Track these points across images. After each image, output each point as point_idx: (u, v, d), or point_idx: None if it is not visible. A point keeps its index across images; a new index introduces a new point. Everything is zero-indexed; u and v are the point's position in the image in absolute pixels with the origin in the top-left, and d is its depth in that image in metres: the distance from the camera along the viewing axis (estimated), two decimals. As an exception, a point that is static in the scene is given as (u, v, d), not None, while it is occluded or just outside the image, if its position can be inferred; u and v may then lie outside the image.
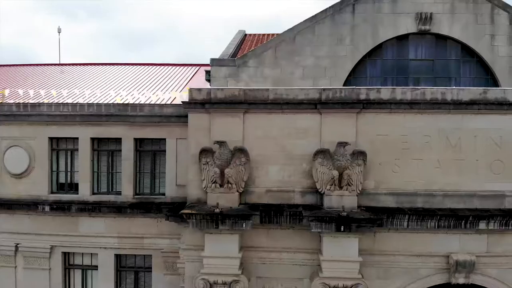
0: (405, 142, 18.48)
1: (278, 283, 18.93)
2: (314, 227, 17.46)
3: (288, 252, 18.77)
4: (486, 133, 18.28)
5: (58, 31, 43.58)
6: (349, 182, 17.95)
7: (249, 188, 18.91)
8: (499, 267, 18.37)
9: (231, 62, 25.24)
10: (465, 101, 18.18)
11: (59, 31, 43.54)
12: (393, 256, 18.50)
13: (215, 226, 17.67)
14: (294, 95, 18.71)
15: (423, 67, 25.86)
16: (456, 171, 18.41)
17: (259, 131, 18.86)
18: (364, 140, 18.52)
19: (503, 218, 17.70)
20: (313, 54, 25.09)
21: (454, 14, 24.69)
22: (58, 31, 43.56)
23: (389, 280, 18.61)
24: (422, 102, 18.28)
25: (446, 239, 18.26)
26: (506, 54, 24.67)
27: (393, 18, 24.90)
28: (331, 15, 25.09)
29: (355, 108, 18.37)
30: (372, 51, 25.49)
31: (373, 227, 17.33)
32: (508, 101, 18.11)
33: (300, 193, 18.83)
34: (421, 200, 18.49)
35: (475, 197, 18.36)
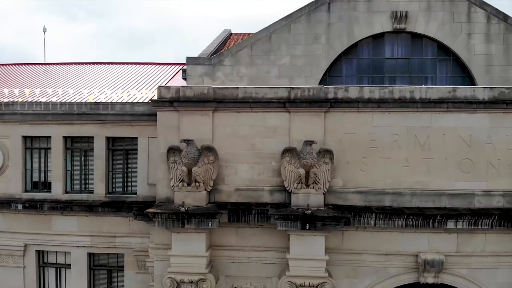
0: (373, 141, 18.46)
1: (247, 282, 18.92)
2: (280, 225, 17.45)
3: (257, 250, 18.76)
4: (456, 131, 18.24)
5: (43, 30, 43.58)
6: (315, 181, 17.94)
7: (218, 186, 18.88)
8: (469, 266, 18.34)
9: (207, 61, 25.25)
10: (433, 100, 18.13)
11: (44, 31, 43.52)
12: (361, 255, 18.49)
13: (181, 225, 17.61)
14: (264, 93, 18.68)
15: (399, 65, 25.87)
16: (425, 170, 18.38)
17: (229, 130, 18.84)
18: (332, 139, 18.51)
19: (471, 218, 17.64)
20: (289, 53, 25.11)
21: (430, 12, 24.69)
22: (44, 31, 43.54)
23: (357, 279, 18.60)
24: (390, 100, 18.22)
25: (414, 238, 18.25)
26: (483, 52, 24.68)
27: (368, 17, 24.93)
28: (306, 13, 25.09)
29: (323, 107, 18.32)
30: (348, 50, 25.50)
31: (338, 225, 17.28)
32: (478, 99, 18.05)
33: (269, 192, 18.80)
34: (389, 199, 18.46)
35: (444, 196, 18.32)
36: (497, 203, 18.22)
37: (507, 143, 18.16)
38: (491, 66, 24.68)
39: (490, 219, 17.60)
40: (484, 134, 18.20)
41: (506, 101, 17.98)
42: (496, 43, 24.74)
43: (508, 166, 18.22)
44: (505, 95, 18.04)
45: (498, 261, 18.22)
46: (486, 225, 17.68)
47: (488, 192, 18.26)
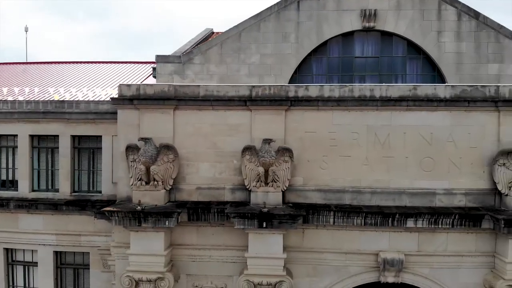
0: (334, 139, 18.33)
1: (208, 281, 18.78)
2: (237, 223, 17.31)
3: (218, 249, 18.63)
4: (416, 130, 18.09)
5: (25, 29, 43.30)
6: (274, 179, 17.82)
7: (179, 185, 18.76)
8: (431, 266, 18.19)
9: (176, 59, 25.14)
10: (394, 98, 17.95)
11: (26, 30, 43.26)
12: (322, 254, 18.36)
13: (137, 224, 17.44)
14: (225, 91, 18.53)
15: (368, 64, 25.78)
16: (385, 168, 18.25)
17: (190, 128, 18.69)
18: (293, 137, 18.40)
19: (431, 217, 17.45)
20: (259, 51, 25.02)
21: (400, 10, 24.58)
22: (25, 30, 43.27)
23: (318, 278, 18.47)
24: (349, 99, 18.06)
25: (375, 237, 18.13)
26: (453, 50, 24.57)
27: (337, 15, 24.82)
28: (276, 12, 24.99)
29: (283, 105, 18.19)
30: (318, 49, 25.43)
31: (294, 223, 17.12)
32: (439, 97, 17.89)
33: (230, 190, 18.66)
34: (349, 197, 18.34)
35: (404, 194, 18.17)
36: (458, 202, 18.06)
37: (469, 142, 18.01)
38: (461, 64, 24.57)
39: (451, 218, 17.40)
40: (445, 133, 18.04)
41: (468, 99, 17.80)
42: (467, 41, 24.62)
43: (470, 165, 18.06)
44: (467, 93, 17.89)
45: (460, 261, 18.06)
46: (447, 224, 17.49)
47: (449, 191, 18.10)
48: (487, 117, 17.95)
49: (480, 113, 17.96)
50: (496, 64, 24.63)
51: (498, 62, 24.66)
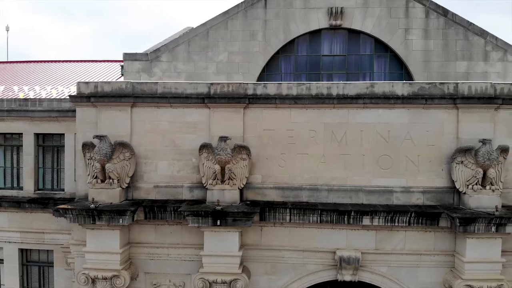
0: (291, 137, 18.11)
1: (167, 279, 18.56)
2: (191, 222, 17.06)
3: (176, 248, 18.40)
4: (373, 127, 17.84)
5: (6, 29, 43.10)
6: (231, 177, 17.58)
7: (137, 183, 18.51)
8: (390, 264, 17.95)
9: (143, 57, 24.89)
10: (351, 96, 17.72)
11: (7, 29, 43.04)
12: (280, 251, 18.14)
13: (92, 221, 17.21)
14: (183, 89, 18.28)
15: (336, 62, 25.51)
16: (342, 166, 17.99)
17: (148, 125, 18.42)
18: (252, 135, 18.16)
19: (387, 214, 17.18)
20: (227, 50, 24.77)
21: (367, 8, 24.30)
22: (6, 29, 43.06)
23: (276, 276, 18.24)
24: (307, 97, 17.83)
25: (332, 235, 17.89)
26: (421, 48, 24.29)
27: (304, 14, 24.54)
28: (243, 10, 24.72)
29: (241, 103, 17.92)
30: (286, 47, 25.18)
31: (248, 220, 16.87)
32: (397, 94, 17.64)
33: (188, 188, 18.40)
34: (306, 195, 18.08)
35: (361, 192, 17.92)
36: (416, 200, 17.80)
37: (427, 139, 17.74)
38: (429, 61, 24.28)
39: (407, 216, 17.11)
40: (403, 130, 17.78)
41: (426, 96, 17.55)
42: (435, 39, 24.34)
43: (429, 163, 17.80)
44: (425, 90, 17.64)
45: (419, 260, 17.81)
46: (403, 222, 17.21)
47: (407, 189, 17.84)
48: (445, 115, 17.67)
49: (438, 110, 17.68)
50: (464, 61, 24.34)
51: (466, 59, 24.37)
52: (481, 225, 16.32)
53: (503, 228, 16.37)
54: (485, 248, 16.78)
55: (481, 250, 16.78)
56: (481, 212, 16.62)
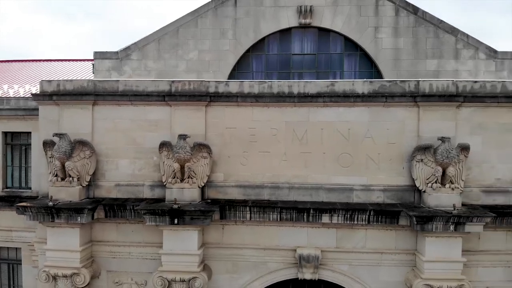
0: (253, 135, 17.81)
1: (129, 277, 18.29)
2: (149, 220, 16.82)
3: (137, 246, 18.14)
4: (334, 125, 17.55)
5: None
6: (190, 175, 17.32)
7: (98, 182, 18.23)
8: (351, 263, 17.68)
9: (114, 55, 24.63)
10: (311, 94, 17.42)
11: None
12: (241, 250, 17.87)
13: (51, 219, 16.98)
14: (144, 87, 17.95)
15: (306, 61, 25.20)
16: (303, 164, 17.71)
17: (109, 124, 18.12)
18: (214, 133, 17.88)
19: (346, 212, 16.91)
20: (197, 48, 24.49)
21: (337, 6, 24.00)
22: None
23: (237, 274, 17.97)
24: (268, 95, 17.55)
25: (293, 233, 17.63)
26: (391, 46, 24.00)
27: (274, 12, 24.25)
28: (213, 8, 24.44)
29: (202, 101, 17.63)
30: (256, 45, 24.91)
31: (206, 219, 16.59)
32: (357, 93, 17.35)
33: (149, 187, 18.12)
34: (267, 193, 17.78)
35: (321, 190, 17.62)
36: (377, 198, 17.53)
37: (387, 137, 17.45)
38: (399, 60, 24.00)
39: (366, 214, 16.88)
40: (363, 128, 17.50)
41: (386, 94, 17.28)
42: (405, 37, 24.05)
43: (389, 161, 17.52)
44: (385, 88, 17.35)
45: (380, 258, 17.53)
46: (362, 220, 16.96)
47: (367, 187, 17.56)
48: (406, 113, 17.38)
49: (399, 108, 17.39)
50: (435, 59, 24.05)
51: (437, 57, 24.08)
52: (439, 224, 16.05)
53: (462, 227, 16.08)
54: (445, 247, 16.47)
55: (440, 249, 16.47)
56: (439, 210, 16.34)
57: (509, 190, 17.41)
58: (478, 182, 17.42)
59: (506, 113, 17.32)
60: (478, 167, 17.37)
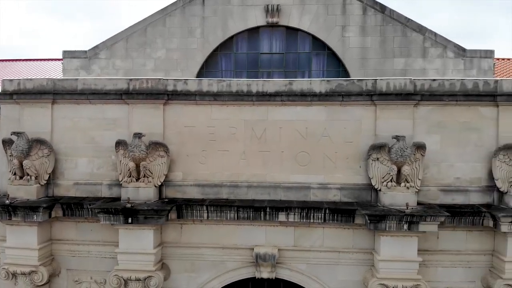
0: (212, 134, 17.58)
1: (88, 276, 18.05)
2: (103, 219, 16.61)
3: (96, 245, 17.91)
4: (292, 124, 17.34)
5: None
6: (146, 174, 17.11)
7: (57, 180, 18.03)
8: (308, 262, 17.44)
9: (82, 54, 24.50)
10: (270, 93, 17.23)
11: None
12: (199, 249, 17.60)
13: (8, 217, 16.80)
14: (103, 85, 17.72)
15: (275, 60, 25.05)
16: (262, 163, 17.50)
17: (68, 122, 17.90)
18: (173, 132, 17.64)
19: (302, 210, 16.69)
20: (165, 46, 24.35)
21: (304, 5, 23.82)
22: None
23: (196, 274, 17.71)
24: (227, 94, 17.36)
25: (252, 232, 17.39)
26: (358, 45, 23.83)
27: (242, 11, 24.11)
28: (181, 7, 24.29)
29: (160, 99, 17.41)
30: (225, 44, 24.70)
31: (160, 218, 16.33)
32: (314, 92, 17.15)
33: (107, 186, 17.91)
34: (226, 192, 17.59)
35: (279, 188, 17.43)
36: (333, 197, 17.33)
37: (344, 136, 17.25)
38: (366, 59, 23.83)
39: (321, 212, 16.67)
40: (320, 127, 17.29)
41: (343, 93, 17.09)
42: (372, 36, 23.86)
43: (346, 160, 17.31)
44: (343, 87, 17.15)
45: (338, 257, 17.31)
46: (318, 218, 16.72)
47: (324, 186, 17.36)
48: (363, 112, 17.18)
49: (356, 107, 17.19)
50: (402, 58, 23.85)
51: (404, 56, 23.88)
52: (392, 223, 15.82)
53: (416, 226, 15.84)
54: (400, 246, 16.21)
55: (396, 248, 16.22)
56: (393, 209, 16.13)
57: (468, 189, 17.20)
58: (437, 181, 17.22)
59: (465, 112, 17.10)
60: (436, 166, 17.17)
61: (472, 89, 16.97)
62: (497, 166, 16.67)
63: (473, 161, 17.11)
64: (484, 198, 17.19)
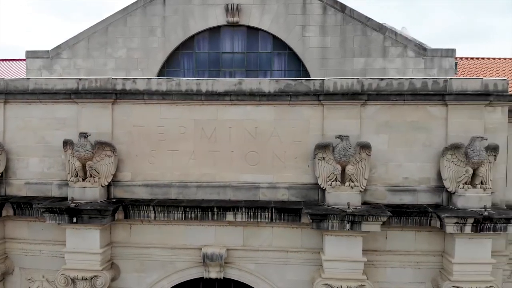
0: (162, 133, 17.26)
1: (40, 274, 17.84)
2: (49, 218, 16.34)
3: (47, 244, 17.64)
4: (241, 124, 17.05)
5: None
6: (92, 174, 16.77)
7: (9, 180, 17.76)
8: (257, 262, 17.16)
9: (45, 54, 24.18)
10: (219, 92, 16.93)
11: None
12: (148, 249, 17.31)
13: (-44, 217, 16.67)
14: (53, 85, 17.42)
15: (237, 59, 24.68)
16: (212, 162, 17.19)
17: (20, 122, 17.63)
18: (122, 131, 17.31)
19: (249, 210, 16.41)
20: (126, 46, 23.99)
21: (265, 5, 23.46)
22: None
23: (145, 273, 17.42)
24: (176, 93, 17.03)
25: (201, 232, 17.11)
26: (318, 45, 23.46)
27: (203, 10, 23.74)
28: (142, 6, 23.93)
29: (108, 98, 17.10)
30: (187, 43, 24.36)
31: (104, 218, 16.01)
32: (264, 92, 16.86)
33: (58, 186, 17.61)
34: (175, 192, 17.26)
35: (229, 188, 17.13)
36: (282, 196, 17.03)
37: (293, 136, 16.96)
38: (326, 59, 23.47)
39: (269, 212, 16.40)
40: (270, 127, 17.01)
41: (291, 93, 16.80)
42: (332, 35, 23.50)
43: (295, 159, 17.02)
44: (291, 87, 16.86)
45: (286, 257, 17.06)
46: (266, 218, 16.43)
47: (273, 185, 17.06)
48: (311, 111, 16.90)
49: (304, 107, 16.91)
50: (362, 58, 23.51)
51: (364, 56, 23.54)
52: (335, 222, 15.55)
53: (359, 226, 15.55)
54: (345, 246, 15.95)
55: (340, 248, 15.95)
56: (335, 208, 15.87)
57: (417, 189, 16.91)
58: (385, 181, 16.92)
59: (414, 111, 16.81)
60: (384, 165, 16.88)
61: (421, 88, 16.67)
62: (445, 166, 16.38)
63: (422, 161, 16.83)
64: (433, 198, 16.91)
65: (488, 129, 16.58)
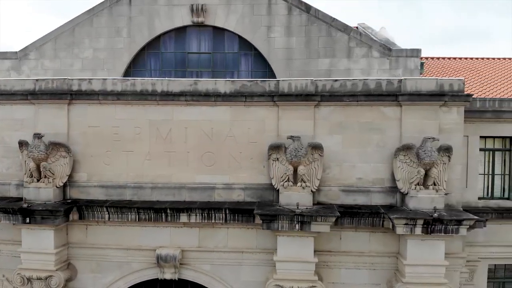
0: (117, 134, 16.95)
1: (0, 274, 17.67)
2: (3, 218, 16.20)
3: (6, 244, 17.42)
4: (197, 124, 16.75)
5: None
6: (46, 175, 16.44)
7: (-32, 181, 17.50)
8: (213, 263, 16.88)
9: (13, 55, 23.85)
10: (174, 92, 16.63)
11: None
12: (104, 250, 17.01)
13: None
14: (11, 86, 17.14)
15: (202, 60, 24.27)
16: (167, 163, 16.90)
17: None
18: (77, 132, 17.01)
19: (203, 211, 16.12)
20: (92, 46, 23.61)
21: (230, 5, 23.07)
22: None
23: (101, 274, 17.10)
24: (130, 93, 16.70)
25: (156, 233, 16.82)
26: (283, 46, 23.08)
27: (168, 10, 23.32)
28: (108, 7, 23.52)
29: (63, 99, 16.79)
30: (153, 43, 24.03)
31: (56, 218, 15.74)
32: (219, 92, 16.58)
33: (15, 186, 17.32)
34: (130, 193, 16.95)
35: (184, 189, 16.84)
36: (237, 197, 16.76)
37: (248, 136, 16.68)
38: (291, 60, 23.10)
39: (223, 213, 16.14)
40: (226, 127, 16.73)
41: (246, 94, 16.51)
42: (297, 36, 23.13)
43: (250, 160, 16.74)
44: (247, 88, 16.56)
45: (241, 258, 16.78)
46: (220, 219, 16.17)
47: (229, 186, 16.79)
48: (266, 112, 16.62)
49: (259, 108, 16.63)
50: (327, 58, 23.16)
51: (329, 56, 23.19)
52: (285, 223, 15.29)
53: (308, 226, 15.30)
54: (296, 247, 15.71)
55: (292, 249, 15.71)
56: (285, 209, 15.60)
57: (371, 190, 16.64)
58: (339, 181, 16.65)
59: (367, 112, 16.54)
60: (338, 166, 16.61)
61: (375, 89, 16.41)
62: (398, 166, 16.13)
63: (376, 162, 16.56)
64: (388, 199, 16.65)
65: (444, 130, 16.31)
